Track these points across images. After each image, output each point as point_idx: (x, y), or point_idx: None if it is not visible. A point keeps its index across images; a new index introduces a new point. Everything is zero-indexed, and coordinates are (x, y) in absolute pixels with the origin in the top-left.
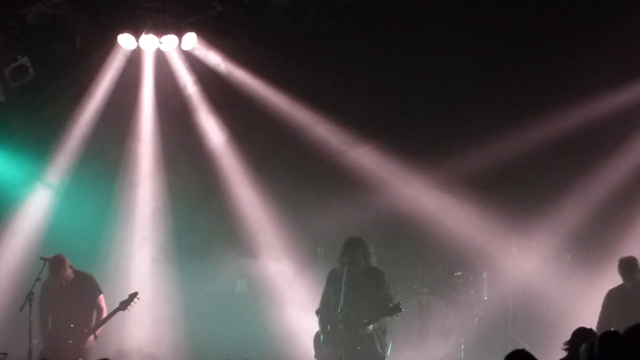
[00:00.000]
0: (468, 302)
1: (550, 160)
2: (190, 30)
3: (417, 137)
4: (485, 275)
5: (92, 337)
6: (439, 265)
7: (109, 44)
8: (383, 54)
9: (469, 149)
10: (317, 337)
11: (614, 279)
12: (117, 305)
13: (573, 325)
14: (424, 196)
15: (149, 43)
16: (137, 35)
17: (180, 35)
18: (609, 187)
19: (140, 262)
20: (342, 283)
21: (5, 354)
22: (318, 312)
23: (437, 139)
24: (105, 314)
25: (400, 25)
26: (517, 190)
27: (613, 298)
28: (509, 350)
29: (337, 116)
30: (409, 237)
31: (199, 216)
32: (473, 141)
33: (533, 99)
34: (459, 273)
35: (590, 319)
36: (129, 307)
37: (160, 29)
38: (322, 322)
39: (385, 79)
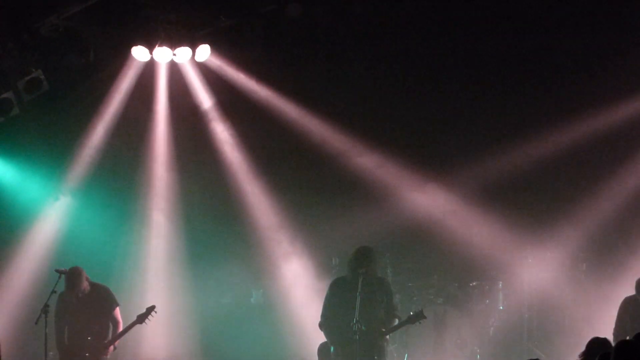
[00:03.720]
0: (484, 312)
1: (565, 169)
2: (204, 42)
3: (432, 147)
4: (500, 285)
5: (111, 348)
6: (454, 275)
7: (123, 56)
8: (396, 64)
9: (484, 158)
10: (322, 349)
11: (630, 288)
12: (134, 317)
13: (589, 335)
14: (439, 206)
15: (163, 55)
16: (150, 47)
17: (193, 47)
18: (623, 196)
19: (155, 274)
20: (358, 293)
21: None
22: (322, 325)
23: (452, 148)
24: (121, 326)
25: (412, 35)
26: (533, 199)
27: (628, 306)
28: None
29: (352, 125)
30: (424, 247)
31: (214, 227)
32: (488, 151)
33: (548, 108)
34: (475, 283)
35: (605, 328)
36: (147, 320)
37: (173, 41)
38: (332, 334)
39: (401, 88)
